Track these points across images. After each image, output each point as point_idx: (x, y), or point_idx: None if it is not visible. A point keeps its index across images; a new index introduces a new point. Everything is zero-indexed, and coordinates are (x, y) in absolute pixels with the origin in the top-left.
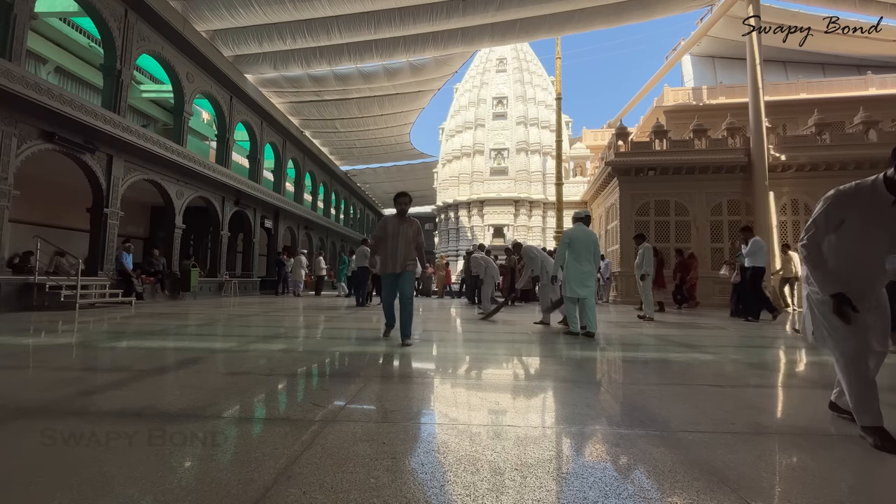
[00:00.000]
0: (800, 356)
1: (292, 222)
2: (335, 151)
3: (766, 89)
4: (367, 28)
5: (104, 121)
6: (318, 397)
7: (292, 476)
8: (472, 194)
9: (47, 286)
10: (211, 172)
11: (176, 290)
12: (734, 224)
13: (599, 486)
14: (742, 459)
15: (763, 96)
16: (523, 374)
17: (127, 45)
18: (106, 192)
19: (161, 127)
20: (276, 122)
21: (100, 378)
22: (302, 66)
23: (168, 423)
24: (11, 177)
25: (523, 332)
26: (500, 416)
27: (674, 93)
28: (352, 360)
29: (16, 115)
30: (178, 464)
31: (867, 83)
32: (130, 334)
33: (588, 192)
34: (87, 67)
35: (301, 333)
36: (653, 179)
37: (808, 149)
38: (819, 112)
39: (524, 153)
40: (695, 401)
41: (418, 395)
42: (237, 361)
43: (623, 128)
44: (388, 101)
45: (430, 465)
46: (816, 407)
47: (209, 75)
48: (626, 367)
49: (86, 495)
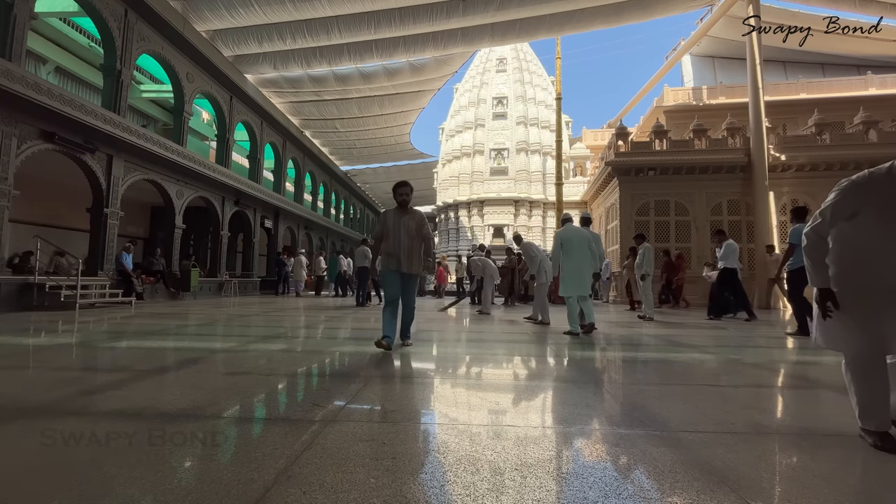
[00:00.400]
0: (800, 356)
1: (292, 222)
2: (335, 151)
3: (766, 89)
4: (367, 28)
5: (104, 121)
6: (318, 397)
7: (292, 476)
8: (472, 194)
9: (47, 286)
10: (211, 172)
11: (176, 290)
12: (734, 224)
13: (599, 486)
14: (742, 459)
15: (763, 96)
16: (523, 373)
17: (127, 45)
18: (106, 192)
19: (161, 127)
20: (276, 122)
21: (100, 378)
22: (302, 66)
23: (168, 423)
24: (11, 177)
25: (523, 332)
26: (500, 415)
27: (674, 93)
28: (351, 360)
29: (16, 115)
30: (178, 464)
31: (867, 83)
32: (130, 334)
33: (588, 192)
34: (87, 67)
35: (301, 333)
36: (653, 179)
37: (808, 149)
38: (819, 112)
39: (524, 153)
40: (694, 400)
41: (418, 395)
42: (237, 361)
43: (623, 128)
44: (388, 100)
45: (431, 465)
46: (816, 407)
47: (209, 75)
48: (626, 367)
49: (86, 495)
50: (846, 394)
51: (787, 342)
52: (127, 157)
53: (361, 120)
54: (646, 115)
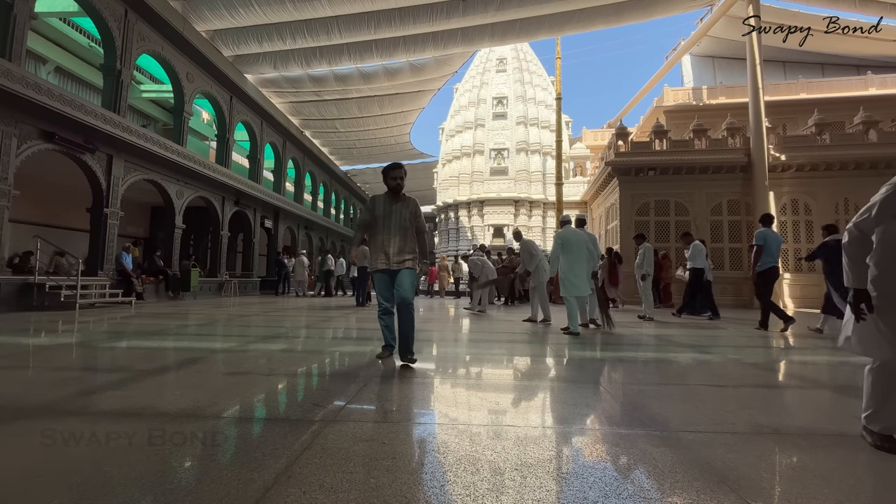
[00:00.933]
0: (798, 357)
1: (292, 222)
2: (335, 151)
3: (766, 89)
4: (367, 28)
5: (104, 121)
6: (318, 397)
7: (292, 476)
8: (472, 194)
9: (47, 286)
10: (211, 172)
11: (176, 290)
12: (734, 224)
13: (599, 486)
14: (742, 459)
15: (763, 96)
16: (522, 373)
17: (127, 44)
18: (106, 192)
19: (161, 127)
20: (275, 121)
21: (100, 378)
22: (302, 66)
23: (168, 423)
24: (11, 177)
25: (523, 332)
26: (500, 416)
27: (674, 93)
28: (351, 361)
29: (16, 115)
30: (178, 464)
31: (867, 83)
32: (130, 334)
33: (588, 192)
34: (87, 67)
35: (300, 333)
36: (653, 179)
37: (808, 149)
38: (819, 112)
39: (524, 153)
40: (694, 400)
41: (418, 395)
42: (237, 361)
43: (623, 128)
44: (388, 100)
45: (430, 465)
46: (816, 407)
47: (209, 75)
48: (626, 367)
49: (86, 495)
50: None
51: (788, 339)
52: (127, 157)
53: (361, 120)
54: (646, 115)
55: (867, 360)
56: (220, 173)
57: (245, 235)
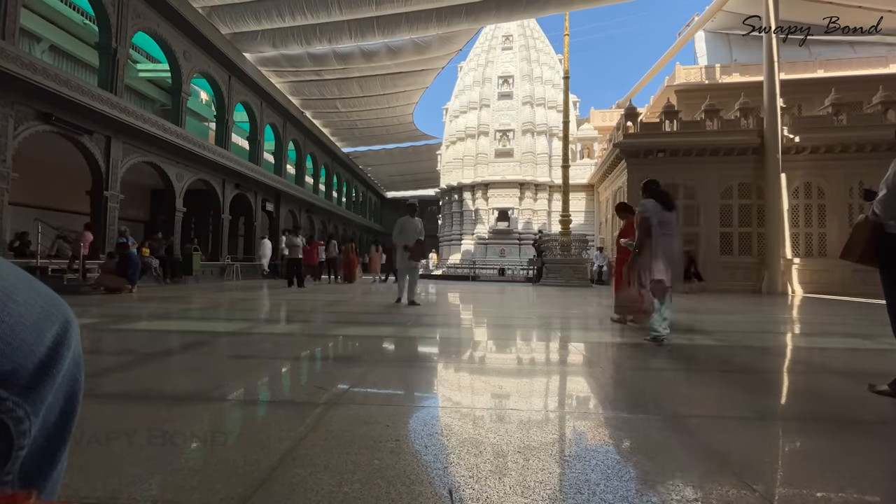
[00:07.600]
0: (800, 341)
1: (294, 205)
2: (337, 132)
3: (783, 67)
4: (368, 4)
5: (101, 101)
6: (323, 380)
7: (297, 457)
8: (477, 177)
9: (49, 269)
10: (210, 154)
11: (178, 273)
12: (745, 208)
13: (602, 469)
14: (745, 443)
15: (778, 74)
16: (526, 358)
17: (122, 21)
18: (105, 175)
19: (159, 108)
20: (276, 102)
21: (105, 361)
22: (301, 45)
23: (174, 406)
24: (9, 159)
25: (529, 317)
26: (503, 399)
27: (686, 71)
28: (356, 344)
29: (11, 95)
30: (184, 445)
31: (888, 60)
32: (133, 317)
33: (595, 174)
34: (82, 46)
35: (304, 317)
36: (662, 161)
37: (823, 130)
38: (837, 91)
39: (530, 134)
40: (698, 385)
41: (422, 379)
42: (241, 345)
43: (632, 108)
44: (391, 80)
45: (434, 447)
46: (820, 391)
47: (207, 54)
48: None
49: (95, 474)
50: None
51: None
52: (125, 138)
53: (363, 100)
54: (656, 94)
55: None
56: (219, 155)
57: (246, 218)
